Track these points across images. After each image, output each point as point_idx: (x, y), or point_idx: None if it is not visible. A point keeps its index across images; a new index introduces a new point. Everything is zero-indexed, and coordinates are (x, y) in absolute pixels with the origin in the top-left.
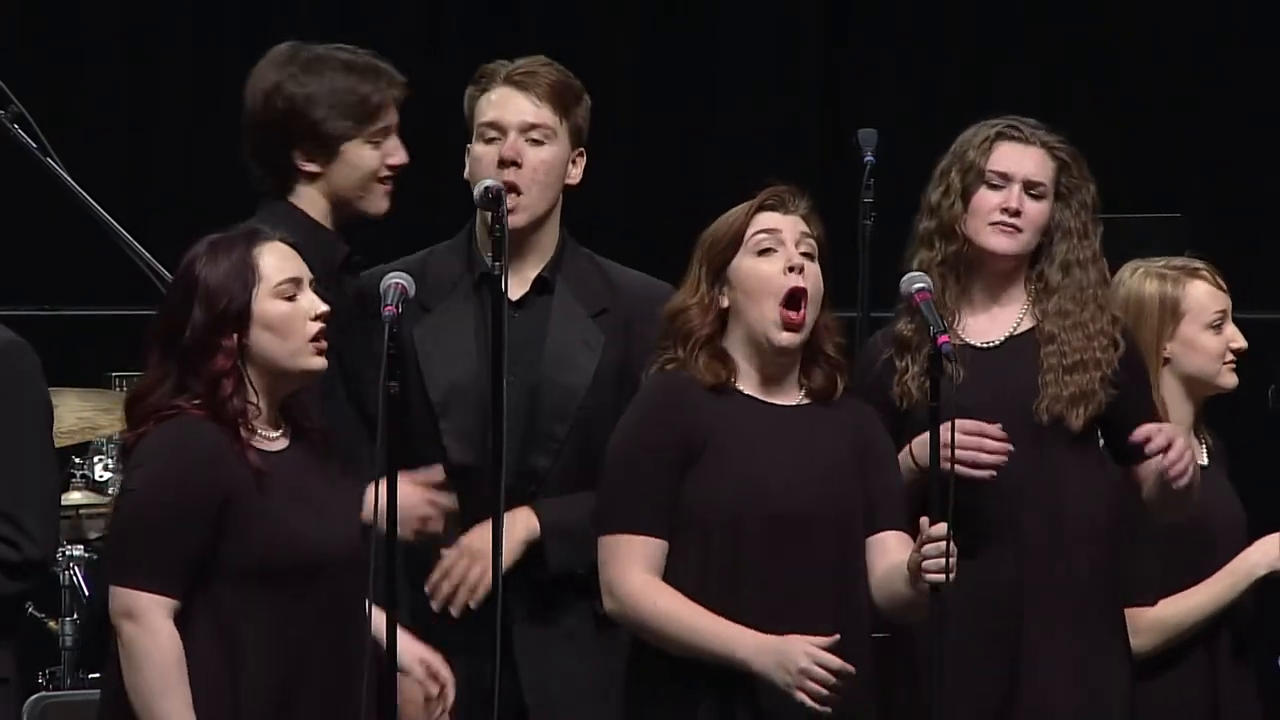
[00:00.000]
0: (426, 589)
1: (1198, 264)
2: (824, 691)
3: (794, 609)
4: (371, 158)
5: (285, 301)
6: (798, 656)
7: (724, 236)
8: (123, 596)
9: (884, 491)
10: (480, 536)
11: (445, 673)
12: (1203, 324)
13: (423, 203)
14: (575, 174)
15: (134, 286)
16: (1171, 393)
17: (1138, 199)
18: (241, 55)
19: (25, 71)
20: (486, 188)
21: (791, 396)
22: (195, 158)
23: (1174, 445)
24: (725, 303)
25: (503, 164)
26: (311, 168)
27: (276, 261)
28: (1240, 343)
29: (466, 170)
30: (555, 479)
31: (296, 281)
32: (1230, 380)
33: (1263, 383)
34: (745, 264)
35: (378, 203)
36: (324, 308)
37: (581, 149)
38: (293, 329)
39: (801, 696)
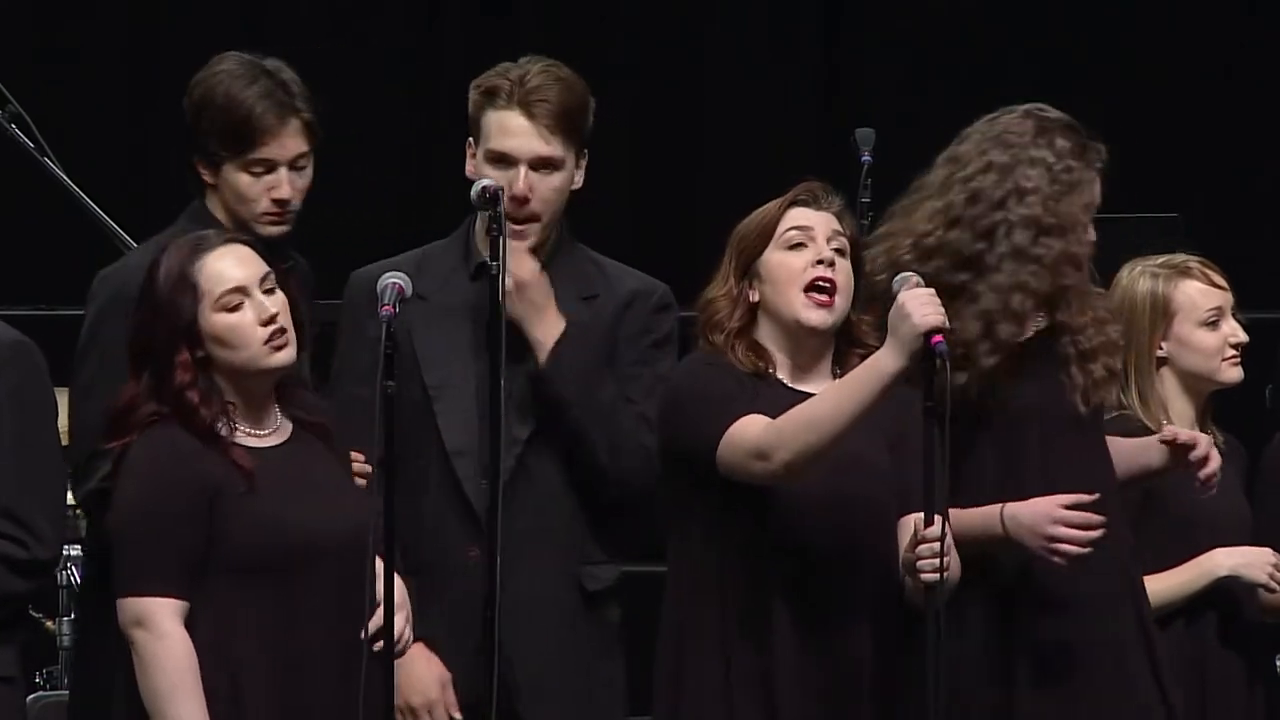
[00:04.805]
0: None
1: (1191, 262)
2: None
3: (829, 589)
4: (248, 185)
5: (229, 314)
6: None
7: (755, 230)
8: (130, 606)
9: (915, 477)
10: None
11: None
12: (1196, 321)
13: (422, 200)
14: (579, 178)
15: None
16: (1171, 390)
17: (1135, 198)
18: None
19: (24, 71)
20: (484, 187)
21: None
22: None
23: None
24: (755, 297)
25: (514, 199)
26: (207, 177)
27: (219, 271)
28: (1240, 337)
29: (469, 170)
30: (537, 447)
31: (241, 289)
32: (1232, 375)
33: (1261, 382)
34: (775, 257)
35: (264, 230)
36: (273, 310)
37: (586, 151)
38: (242, 339)
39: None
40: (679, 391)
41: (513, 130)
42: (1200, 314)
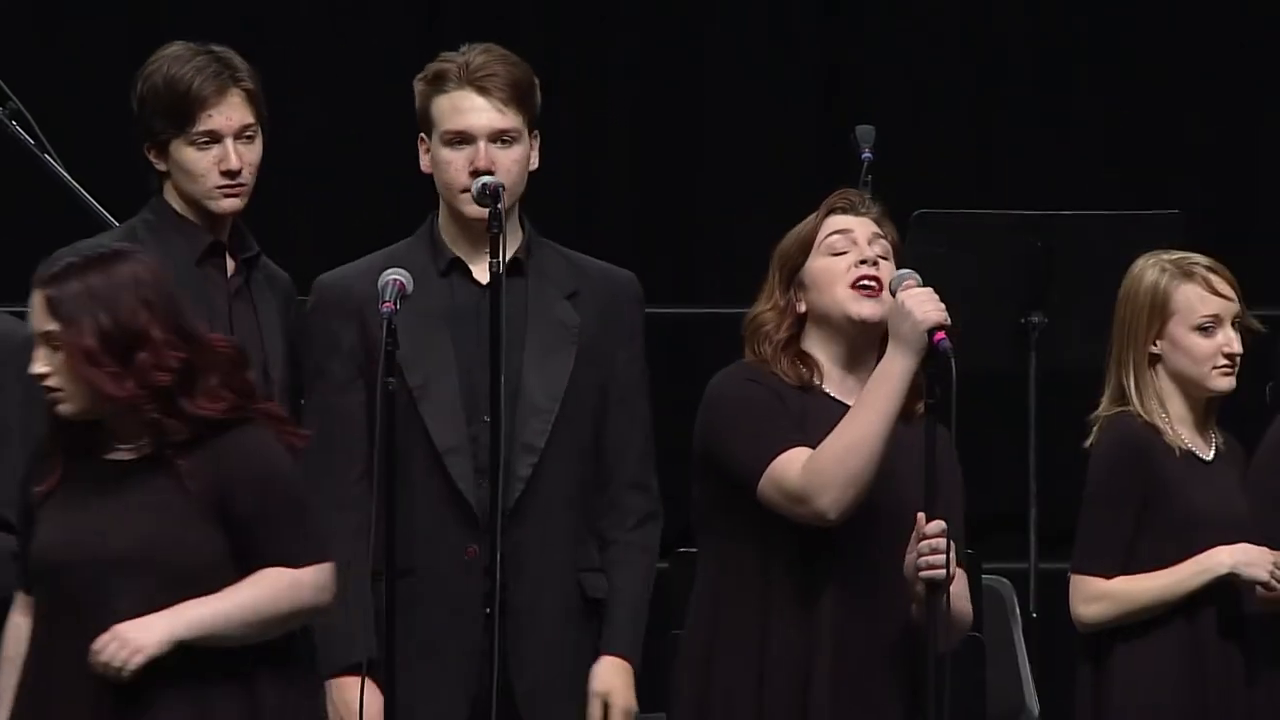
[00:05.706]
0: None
1: (1199, 265)
2: None
3: (848, 600)
4: (195, 159)
5: None
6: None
7: (795, 242)
8: None
9: (943, 510)
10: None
11: None
12: (1190, 325)
13: (422, 201)
14: (534, 159)
15: None
16: (1167, 389)
17: (1135, 196)
18: (241, 54)
19: (24, 70)
20: (485, 184)
21: None
22: None
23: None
24: (802, 307)
25: (476, 173)
26: (160, 165)
27: None
28: (1234, 348)
29: (424, 165)
30: (552, 453)
31: None
32: (1221, 384)
33: (1262, 382)
34: (818, 264)
35: (217, 204)
36: (35, 370)
37: (537, 131)
38: None
39: None
40: (720, 407)
41: (467, 108)
42: (1195, 319)
